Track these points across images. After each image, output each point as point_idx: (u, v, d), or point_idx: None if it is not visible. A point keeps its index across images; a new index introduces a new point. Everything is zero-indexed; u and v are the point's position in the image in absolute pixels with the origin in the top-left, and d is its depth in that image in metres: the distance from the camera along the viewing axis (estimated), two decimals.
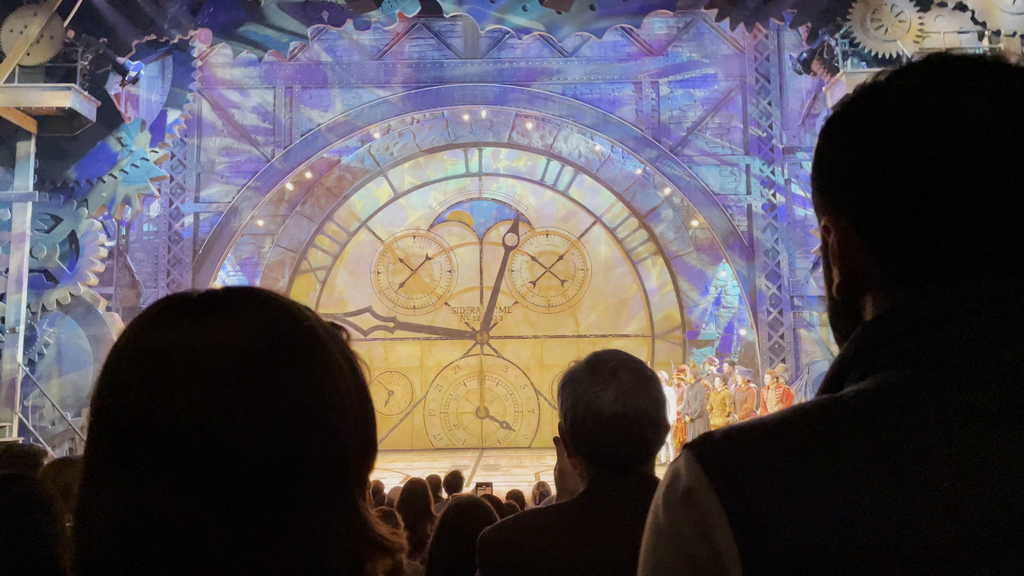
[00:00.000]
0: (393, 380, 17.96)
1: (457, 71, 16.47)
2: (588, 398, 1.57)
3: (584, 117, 16.31)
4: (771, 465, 0.63)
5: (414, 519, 4.21)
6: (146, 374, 0.67)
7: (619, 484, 1.55)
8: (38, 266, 12.18)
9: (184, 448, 0.65)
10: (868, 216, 0.72)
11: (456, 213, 18.41)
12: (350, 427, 0.72)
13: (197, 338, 0.68)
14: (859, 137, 0.73)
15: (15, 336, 11.73)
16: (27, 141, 12.03)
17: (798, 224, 15.97)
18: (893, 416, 0.64)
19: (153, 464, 0.65)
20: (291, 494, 0.67)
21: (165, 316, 0.71)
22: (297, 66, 16.52)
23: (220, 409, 0.66)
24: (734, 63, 16.46)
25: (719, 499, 0.63)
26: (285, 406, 0.68)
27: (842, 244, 0.74)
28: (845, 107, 0.77)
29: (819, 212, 0.78)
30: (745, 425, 0.67)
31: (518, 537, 1.54)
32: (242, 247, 17.35)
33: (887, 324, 0.71)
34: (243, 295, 0.73)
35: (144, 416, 0.66)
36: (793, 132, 16.03)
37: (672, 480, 0.68)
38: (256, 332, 0.70)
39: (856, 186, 0.73)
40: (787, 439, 0.65)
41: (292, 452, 0.67)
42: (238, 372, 0.67)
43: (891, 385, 0.66)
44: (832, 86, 12.39)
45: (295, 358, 0.70)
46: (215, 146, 16.47)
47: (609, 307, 18.07)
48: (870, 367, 0.70)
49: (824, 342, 15.77)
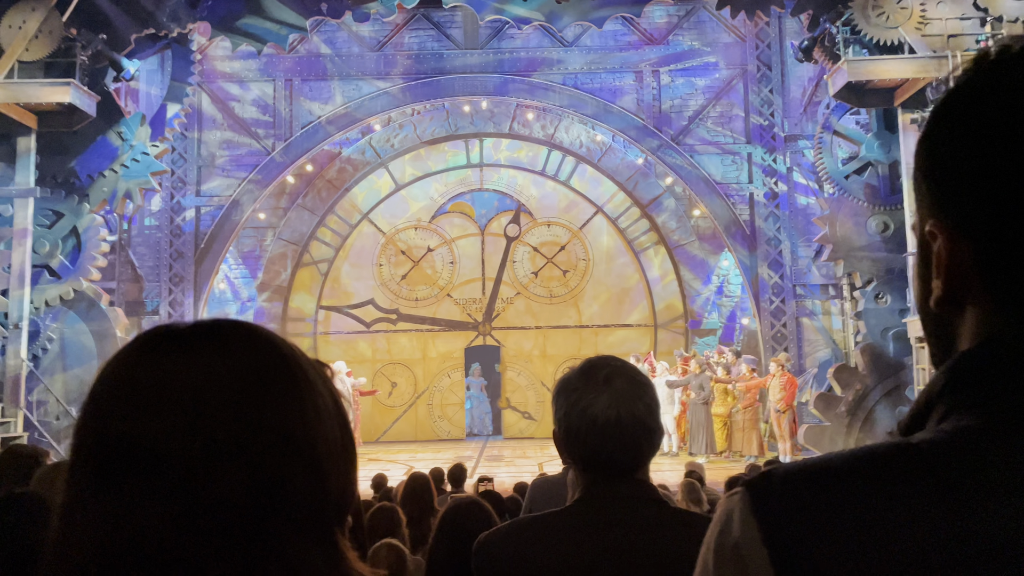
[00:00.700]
0: (396, 372, 18.00)
1: (457, 62, 16.42)
2: (582, 405, 1.57)
3: (585, 107, 16.26)
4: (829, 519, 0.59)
5: (418, 514, 4.22)
6: (131, 405, 0.68)
7: (614, 491, 1.55)
8: (40, 261, 12.20)
9: (166, 477, 0.66)
10: (987, 223, 0.62)
11: (457, 204, 18.39)
12: (332, 461, 0.72)
13: (183, 370, 0.69)
14: (995, 126, 0.61)
15: (19, 332, 11.76)
16: (27, 137, 12.02)
17: (800, 212, 15.94)
18: (962, 468, 0.58)
19: (135, 490, 0.66)
20: (271, 524, 0.68)
21: (153, 347, 0.72)
22: (296, 58, 16.48)
23: (203, 441, 0.67)
24: (735, 51, 16.39)
25: (769, 557, 0.59)
26: (269, 438, 0.69)
27: (950, 253, 0.65)
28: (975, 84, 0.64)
29: (923, 211, 0.68)
30: (807, 469, 0.62)
31: (513, 544, 1.55)
32: (244, 240, 17.36)
33: (982, 357, 0.63)
34: (231, 328, 0.74)
35: (128, 445, 0.67)
36: (795, 120, 15.97)
37: (725, 525, 0.63)
38: (243, 365, 0.70)
39: (980, 186, 0.62)
40: (847, 489, 0.60)
41: (274, 483, 0.68)
42: (223, 405, 0.68)
43: (969, 432, 0.60)
44: (834, 74, 12.33)
45: (281, 392, 0.71)
46: (215, 139, 16.46)
47: (611, 297, 18.07)
48: (956, 405, 0.63)
49: (826, 330, 15.77)
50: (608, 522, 1.52)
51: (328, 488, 0.72)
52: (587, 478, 1.58)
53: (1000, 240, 0.62)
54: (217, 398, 0.68)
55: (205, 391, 0.68)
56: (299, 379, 0.73)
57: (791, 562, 0.59)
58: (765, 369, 14.21)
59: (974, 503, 0.57)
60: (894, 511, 0.58)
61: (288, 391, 0.71)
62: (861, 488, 0.59)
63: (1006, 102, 0.61)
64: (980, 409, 0.61)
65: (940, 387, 0.65)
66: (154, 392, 0.68)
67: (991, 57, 0.64)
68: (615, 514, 1.52)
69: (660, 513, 1.54)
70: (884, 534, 0.57)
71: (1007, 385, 0.61)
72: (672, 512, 1.53)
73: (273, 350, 0.73)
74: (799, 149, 15.88)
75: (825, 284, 15.72)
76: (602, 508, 1.53)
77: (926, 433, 0.63)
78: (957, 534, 0.56)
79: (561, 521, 1.56)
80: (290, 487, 0.69)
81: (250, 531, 0.67)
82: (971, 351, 0.65)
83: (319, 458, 0.71)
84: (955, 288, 0.65)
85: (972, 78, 0.65)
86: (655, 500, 1.56)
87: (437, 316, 18.20)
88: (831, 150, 13.45)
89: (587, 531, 1.51)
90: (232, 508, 0.66)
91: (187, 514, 0.66)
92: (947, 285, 0.66)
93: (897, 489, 0.59)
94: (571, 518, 1.55)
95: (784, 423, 12.84)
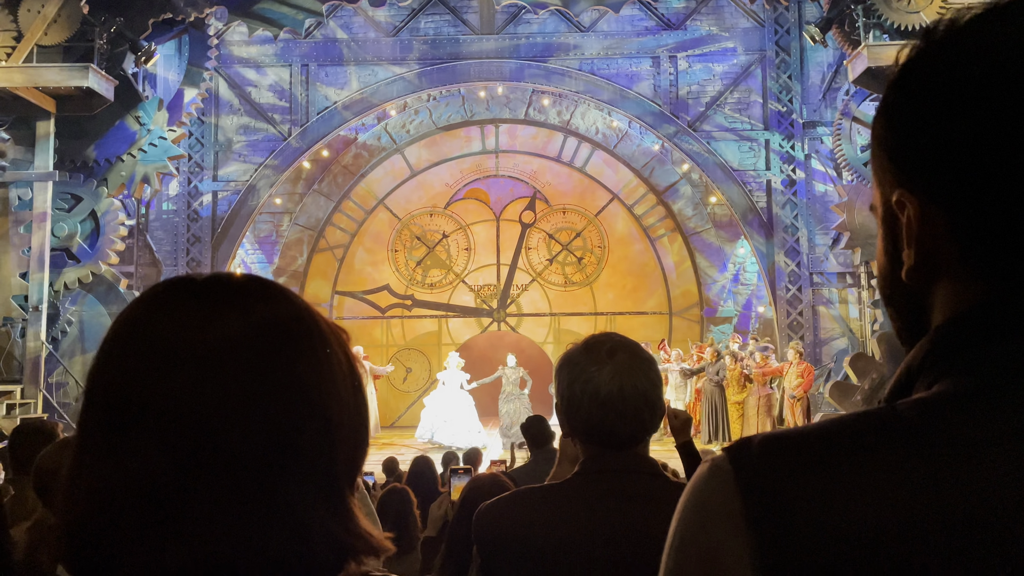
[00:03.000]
0: (411, 357, 18.07)
1: (473, 47, 16.36)
2: (585, 377, 1.57)
3: (601, 93, 16.17)
4: (805, 481, 0.58)
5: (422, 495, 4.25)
6: (143, 355, 0.68)
7: (614, 463, 1.55)
8: (59, 245, 12.32)
9: (175, 427, 0.66)
10: (960, 190, 0.60)
11: (472, 190, 18.37)
12: (343, 420, 0.72)
13: (197, 322, 0.69)
14: (958, 89, 0.60)
15: (38, 314, 11.90)
16: (47, 121, 12.12)
17: (818, 200, 15.80)
18: (944, 427, 0.58)
19: (145, 438, 0.66)
20: (280, 479, 0.68)
21: (168, 299, 0.72)
22: (313, 43, 16.48)
23: (214, 394, 0.67)
24: (754, 36, 16.21)
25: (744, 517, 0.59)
26: (281, 393, 0.69)
27: (921, 222, 0.63)
28: (935, 48, 0.63)
29: (886, 183, 0.66)
30: (786, 434, 0.62)
31: (512, 512, 1.55)
32: (260, 225, 17.44)
33: (964, 326, 0.62)
34: (248, 282, 0.74)
35: (138, 395, 0.67)
36: (814, 106, 15.80)
37: (702, 484, 0.63)
38: (258, 319, 0.70)
39: (948, 152, 0.60)
40: (824, 451, 0.59)
41: (284, 438, 0.68)
42: (236, 358, 0.68)
43: (952, 394, 0.59)
44: (853, 59, 12.17)
45: (295, 347, 0.71)
46: (232, 125, 16.52)
47: (627, 284, 18.01)
48: (939, 375, 0.62)
49: (843, 319, 15.65)
50: (608, 494, 1.52)
51: (339, 447, 0.72)
52: (589, 450, 1.58)
53: (975, 206, 0.60)
54: (230, 351, 0.68)
55: (219, 344, 0.68)
56: (314, 336, 0.72)
57: (767, 522, 0.58)
58: (782, 357, 14.13)
59: (954, 466, 0.56)
60: (870, 474, 0.57)
61: (302, 347, 0.71)
62: (838, 451, 0.59)
63: (972, 63, 0.60)
64: (961, 376, 0.60)
65: (922, 358, 0.64)
66: (166, 343, 0.68)
67: (948, 25, 0.64)
68: (615, 486, 1.53)
69: (660, 486, 1.53)
70: (859, 495, 0.57)
71: (990, 352, 0.60)
72: (672, 485, 1.53)
73: (289, 306, 0.73)
74: (817, 136, 15.72)
75: (842, 272, 15.59)
76: (602, 480, 1.54)
77: (905, 401, 0.62)
78: (936, 497, 0.55)
79: (561, 492, 1.56)
80: (301, 443, 0.69)
81: (258, 484, 0.67)
82: (949, 323, 0.63)
83: (331, 416, 0.71)
84: (928, 257, 0.64)
85: (930, 48, 0.64)
86: (655, 473, 1.56)
87: (452, 302, 18.23)
88: (850, 136, 13.31)
89: (587, 502, 1.51)
90: (241, 461, 0.67)
91: (194, 464, 0.66)
92: (919, 253, 0.64)
93: (875, 453, 0.58)
94: (571, 489, 1.55)
95: (798, 411, 12.78)
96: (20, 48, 11.54)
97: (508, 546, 1.51)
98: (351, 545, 0.71)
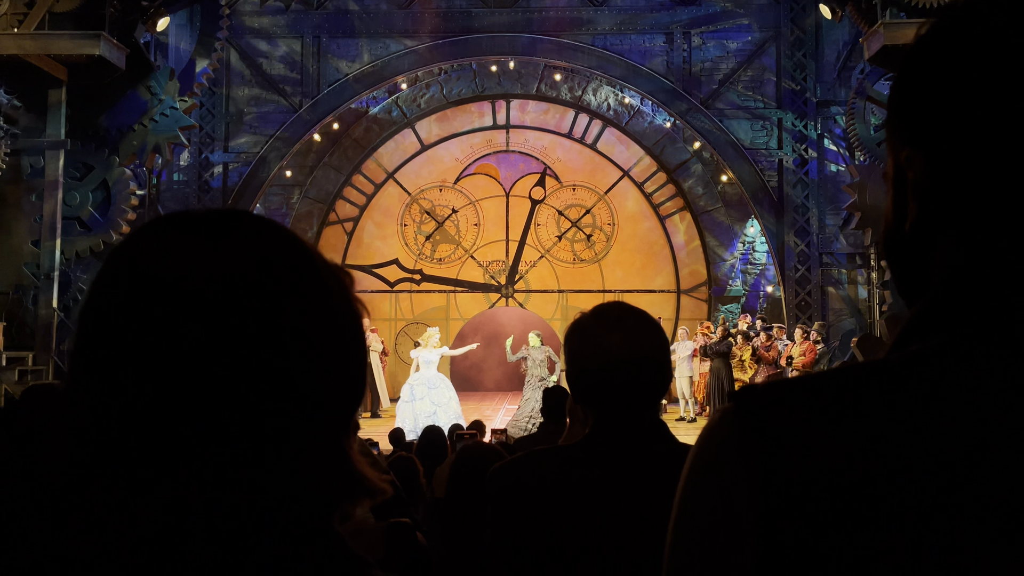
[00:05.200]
0: (419, 332, 18.08)
1: (485, 20, 16.23)
2: (595, 341, 1.59)
3: (614, 69, 16.04)
4: (807, 423, 0.61)
5: (432, 464, 4.29)
6: (133, 290, 0.67)
7: (624, 425, 1.57)
8: (71, 213, 12.37)
9: (167, 361, 0.65)
10: (963, 150, 0.64)
11: (483, 166, 18.32)
12: (342, 360, 0.71)
13: (192, 256, 0.67)
14: (970, 53, 0.63)
15: (50, 282, 11.98)
16: (58, 89, 12.12)
17: (829, 180, 15.70)
18: (935, 375, 0.60)
19: (136, 373, 0.65)
20: (273, 415, 0.67)
21: (163, 232, 0.70)
22: (324, 15, 16.39)
23: (207, 328, 0.66)
24: (769, 13, 16.04)
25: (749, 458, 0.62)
26: (276, 329, 0.67)
27: (926, 175, 0.66)
28: (952, 19, 0.66)
29: (898, 142, 0.70)
30: (789, 381, 0.65)
31: (526, 470, 1.58)
32: (271, 198, 17.46)
33: (959, 283, 0.65)
34: (247, 217, 0.73)
35: (127, 330, 0.66)
36: (828, 85, 15.65)
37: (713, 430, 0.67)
38: (255, 254, 0.69)
39: (955, 110, 0.64)
40: (823, 396, 0.62)
41: (279, 375, 0.67)
42: (232, 292, 0.67)
43: (947, 345, 0.62)
44: (869, 37, 12.04)
45: (292, 284, 0.69)
46: (243, 96, 16.48)
47: (635, 262, 17.99)
48: (936, 328, 0.64)
49: (851, 300, 15.62)
50: (618, 455, 1.54)
51: (335, 387, 0.71)
52: (598, 414, 1.60)
53: (978, 164, 0.63)
54: (226, 285, 0.67)
55: (213, 277, 0.67)
56: (312, 275, 0.71)
57: (770, 463, 0.61)
58: (790, 336, 14.12)
59: (944, 411, 0.58)
60: (864, 418, 0.60)
61: (300, 284, 0.70)
62: (836, 396, 0.62)
63: (984, 30, 0.63)
64: (957, 328, 0.62)
65: (924, 313, 0.66)
66: (157, 277, 0.67)
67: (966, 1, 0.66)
68: (625, 448, 1.55)
69: (669, 448, 1.56)
70: (853, 438, 0.59)
71: (986, 306, 0.62)
72: (681, 448, 1.55)
73: (289, 242, 0.72)
74: (831, 115, 15.58)
75: (852, 253, 15.53)
76: (613, 442, 1.56)
77: (898, 353, 0.64)
78: (927, 441, 0.58)
79: (573, 454, 1.59)
80: (296, 381, 0.68)
81: (251, 420, 0.66)
82: (951, 276, 0.66)
83: (328, 356, 0.70)
84: (932, 210, 0.67)
85: (947, 19, 0.67)
86: (664, 436, 1.58)
87: (460, 277, 18.26)
88: (864, 116, 13.19)
89: (598, 464, 1.54)
90: (234, 396, 0.65)
91: (186, 397, 0.65)
92: (924, 207, 0.67)
93: (870, 398, 0.61)
94: (582, 451, 1.58)
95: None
96: (32, 15, 11.51)
97: (524, 506, 1.54)
98: (346, 487, 0.70)
